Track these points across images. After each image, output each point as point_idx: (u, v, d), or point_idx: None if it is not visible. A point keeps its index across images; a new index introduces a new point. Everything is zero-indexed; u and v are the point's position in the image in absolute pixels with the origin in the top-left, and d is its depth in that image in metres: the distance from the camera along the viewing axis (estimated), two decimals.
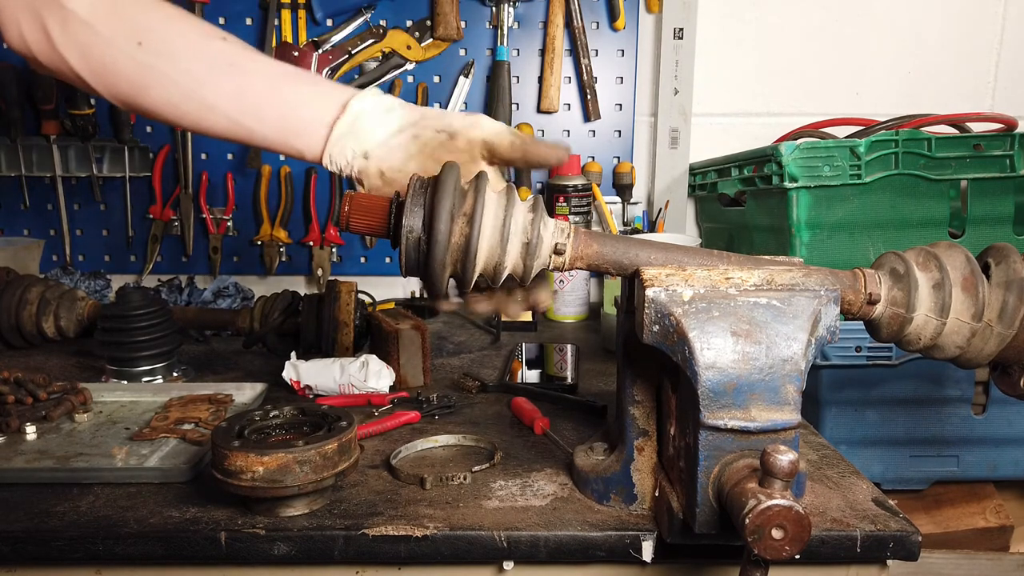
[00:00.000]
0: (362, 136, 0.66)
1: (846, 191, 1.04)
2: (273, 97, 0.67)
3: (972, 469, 1.12)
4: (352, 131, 0.66)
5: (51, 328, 1.13)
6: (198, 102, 0.67)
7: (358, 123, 0.66)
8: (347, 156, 0.66)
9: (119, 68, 0.66)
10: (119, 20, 0.66)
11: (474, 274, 0.59)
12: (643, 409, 0.64)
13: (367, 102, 0.67)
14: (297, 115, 0.67)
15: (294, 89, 0.68)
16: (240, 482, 0.59)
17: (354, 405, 0.89)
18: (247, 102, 0.67)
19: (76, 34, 0.65)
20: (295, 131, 0.67)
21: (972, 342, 0.58)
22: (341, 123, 0.66)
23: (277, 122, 0.67)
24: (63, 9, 0.65)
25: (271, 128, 0.67)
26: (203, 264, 1.53)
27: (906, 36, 1.49)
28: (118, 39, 0.66)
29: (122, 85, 0.67)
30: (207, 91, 0.66)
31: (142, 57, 0.66)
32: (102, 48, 0.66)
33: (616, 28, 1.46)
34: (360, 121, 0.66)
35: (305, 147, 0.67)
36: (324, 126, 0.66)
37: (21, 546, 0.61)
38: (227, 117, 0.67)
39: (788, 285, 0.56)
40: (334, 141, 0.66)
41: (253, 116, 0.67)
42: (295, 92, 0.68)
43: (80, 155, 1.45)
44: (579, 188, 1.44)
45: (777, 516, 0.45)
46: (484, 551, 0.61)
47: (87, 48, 0.66)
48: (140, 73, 0.66)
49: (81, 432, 0.83)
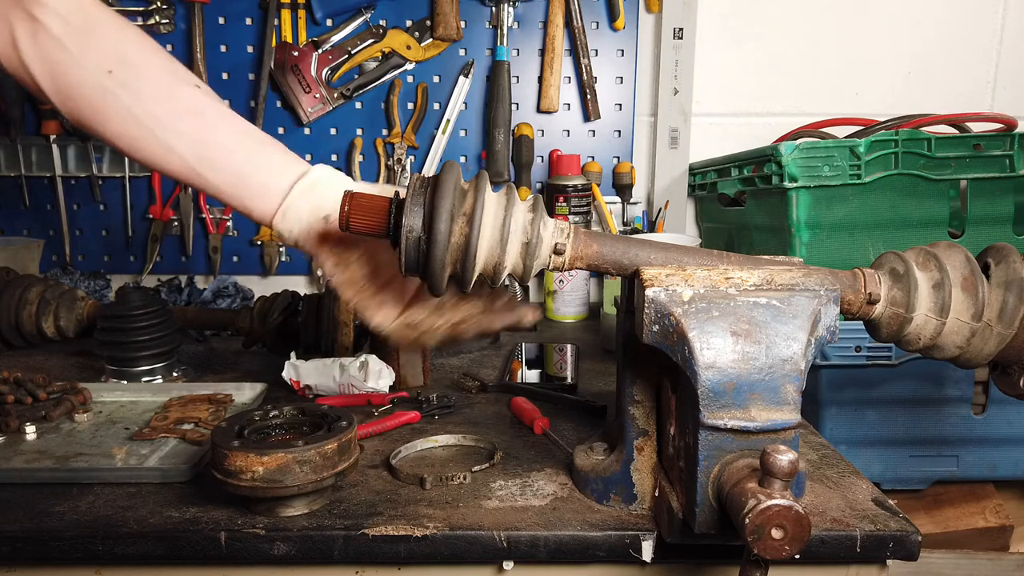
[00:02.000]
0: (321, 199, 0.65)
1: (846, 191, 1.04)
2: (233, 152, 0.66)
3: (972, 469, 1.12)
4: (311, 193, 0.65)
5: (51, 328, 1.13)
6: (157, 142, 0.66)
7: (318, 187, 0.65)
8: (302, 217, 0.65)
9: (84, 92, 0.65)
10: (92, 43, 0.64)
11: (474, 274, 0.59)
12: (643, 409, 0.64)
13: (328, 171, 0.67)
14: (255, 173, 0.66)
15: (257, 149, 0.67)
16: (240, 482, 0.59)
17: (354, 405, 0.89)
18: (206, 151, 0.66)
19: (45, 48, 0.63)
20: (249, 190, 0.66)
21: (972, 342, 0.58)
22: (300, 185, 0.65)
23: (232, 177, 0.66)
24: (34, 21, 0.63)
25: (225, 182, 0.66)
26: (203, 264, 1.53)
27: (906, 36, 1.49)
28: (88, 62, 0.64)
29: (84, 109, 0.66)
30: (168, 134, 0.65)
31: (109, 85, 0.64)
32: (70, 67, 0.64)
33: (616, 28, 1.46)
34: (319, 186, 0.66)
35: (257, 207, 0.66)
36: (280, 188, 0.65)
37: (21, 546, 0.61)
38: (185, 164, 0.66)
39: (788, 285, 0.56)
40: (290, 201, 0.65)
41: (212, 168, 0.66)
42: (257, 153, 0.67)
43: (80, 155, 1.46)
44: (579, 188, 1.44)
45: (777, 516, 0.45)
46: (484, 551, 0.61)
47: (54, 65, 0.64)
48: (103, 101, 0.65)
49: (81, 432, 0.83)
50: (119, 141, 0.67)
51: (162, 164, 0.67)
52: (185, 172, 0.67)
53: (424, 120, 1.48)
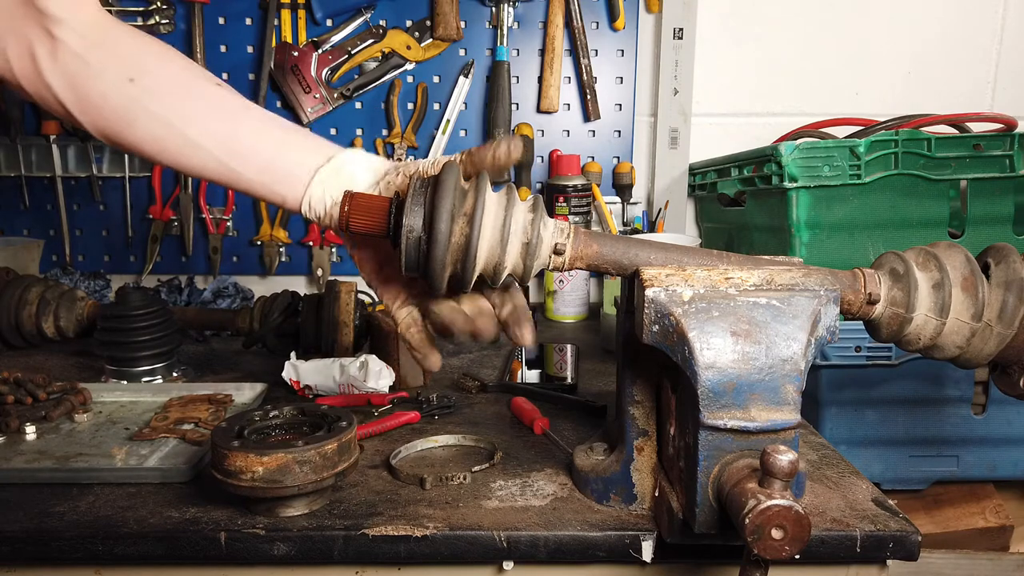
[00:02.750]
0: (346, 181, 0.66)
1: (846, 191, 1.04)
2: (261, 142, 0.67)
3: (972, 469, 1.12)
4: (336, 176, 0.66)
5: (51, 328, 1.13)
6: (183, 140, 0.66)
7: (344, 169, 0.66)
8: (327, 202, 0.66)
9: (107, 101, 0.66)
10: (111, 55, 0.66)
11: (474, 274, 0.59)
12: (643, 409, 0.64)
13: (355, 153, 0.67)
14: (283, 160, 0.67)
15: (283, 137, 0.68)
16: (240, 482, 0.59)
17: (354, 405, 0.89)
18: (234, 145, 0.67)
19: (65, 64, 0.65)
20: (278, 176, 0.67)
21: (972, 342, 0.58)
22: (325, 169, 0.66)
23: (262, 166, 0.67)
24: (53, 39, 0.64)
25: (255, 171, 0.67)
26: (203, 264, 1.53)
27: (906, 36, 1.49)
28: (108, 73, 0.65)
29: (108, 117, 0.66)
30: (194, 130, 0.66)
31: (132, 92, 0.65)
32: (91, 80, 0.65)
33: (616, 28, 1.46)
34: (345, 168, 0.66)
35: (287, 191, 0.67)
36: (308, 171, 0.66)
37: (21, 546, 0.61)
38: (213, 157, 0.67)
39: (788, 285, 0.56)
40: (316, 184, 0.66)
41: (240, 159, 0.67)
42: (283, 140, 0.68)
43: (80, 155, 1.46)
44: (579, 188, 1.44)
45: (777, 516, 0.45)
46: (484, 551, 0.61)
47: (75, 78, 0.65)
48: (127, 107, 0.66)
49: (81, 432, 0.83)
50: (145, 146, 0.68)
51: (192, 164, 0.68)
52: (215, 168, 0.67)
53: (424, 120, 1.48)
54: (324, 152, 0.67)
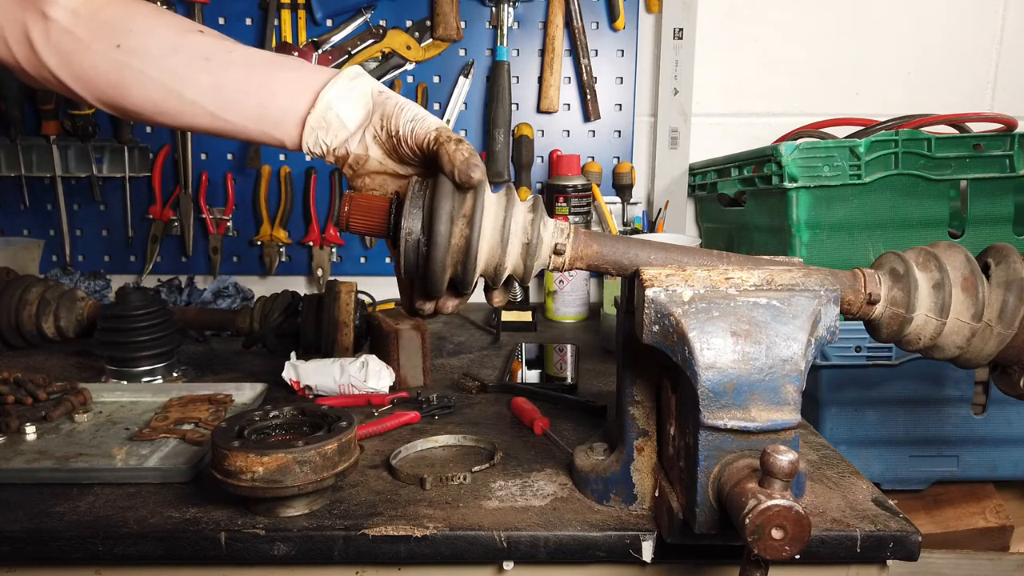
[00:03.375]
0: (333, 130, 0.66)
1: (846, 191, 1.04)
2: (249, 88, 0.67)
3: (972, 469, 1.12)
4: (323, 125, 0.66)
5: (51, 328, 1.13)
6: (177, 98, 0.67)
7: (328, 116, 0.66)
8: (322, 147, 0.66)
9: (99, 71, 0.67)
10: (98, 25, 0.67)
11: (475, 275, 0.59)
12: (643, 409, 0.64)
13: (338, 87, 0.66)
14: (273, 105, 0.67)
15: (270, 75, 0.68)
16: (240, 482, 0.59)
17: (354, 405, 0.89)
18: (225, 95, 0.67)
19: (58, 42, 0.66)
20: (273, 121, 0.67)
21: (972, 342, 0.58)
22: (313, 116, 0.65)
23: (255, 112, 0.67)
24: (46, 19, 0.66)
25: (250, 119, 0.67)
26: (203, 264, 1.53)
27: (906, 36, 1.49)
28: (98, 43, 0.66)
29: (104, 87, 0.68)
30: (185, 87, 0.66)
31: (121, 58, 0.66)
32: (82, 53, 0.66)
33: (616, 28, 1.46)
34: (329, 114, 0.66)
35: (284, 137, 0.67)
36: (297, 119, 0.66)
37: (21, 546, 0.61)
38: (207, 112, 0.67)
39: (788, 285, 0.56)
40: (308, 133, 0.66)
41: (232, 110, 0.67)
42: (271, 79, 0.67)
43: (80, 155, 1.45)
44: (579, 188, 1.44)
45: (777, 516, 0.45)
46: (484, 551, 0.61)
47: (69, 55, 0.66)
48: (119, 74, 0.67)
49: (81, 432, 0.83)
50: (144, 111, 0.68)
51: (189, 120, 0.68)
52: (210, 122, 0.68)
53: None
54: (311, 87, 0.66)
